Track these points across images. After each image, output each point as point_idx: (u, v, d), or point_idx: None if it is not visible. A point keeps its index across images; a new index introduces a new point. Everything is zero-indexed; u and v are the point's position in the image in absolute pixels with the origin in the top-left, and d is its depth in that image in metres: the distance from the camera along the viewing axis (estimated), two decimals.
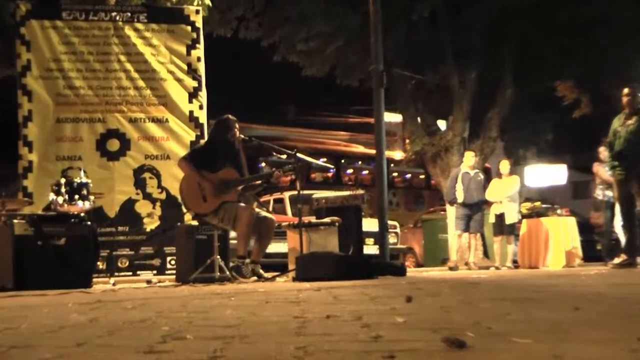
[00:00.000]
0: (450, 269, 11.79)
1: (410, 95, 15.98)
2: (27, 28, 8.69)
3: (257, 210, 7.31)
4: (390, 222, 12.03)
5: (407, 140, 18.43)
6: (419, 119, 16.28)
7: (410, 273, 8.90)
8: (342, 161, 21.05)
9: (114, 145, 8.87)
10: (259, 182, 7.50)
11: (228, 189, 7.07)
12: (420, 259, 16.95)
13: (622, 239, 9.18)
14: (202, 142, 8.60)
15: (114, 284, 7.21)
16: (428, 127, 16.27)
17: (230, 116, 7.41)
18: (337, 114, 27.13)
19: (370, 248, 12.15)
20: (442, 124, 17.76)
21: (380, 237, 10.66)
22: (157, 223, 8.81)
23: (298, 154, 7.18)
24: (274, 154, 8.36)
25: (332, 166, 15.27)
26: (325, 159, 18.65)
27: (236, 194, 7.14)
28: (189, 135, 9.09)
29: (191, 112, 9.15)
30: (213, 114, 8.74)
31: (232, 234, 7.74)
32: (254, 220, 6.99)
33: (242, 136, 7.37)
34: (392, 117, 22.94)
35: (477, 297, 3.82)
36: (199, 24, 9.14)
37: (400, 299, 3.55)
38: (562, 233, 12.28)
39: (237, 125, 7.30)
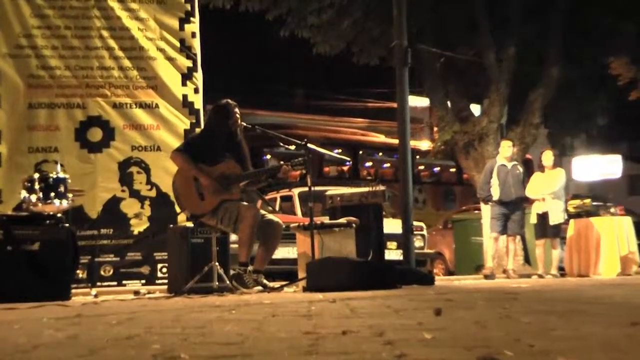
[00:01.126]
0: (486, 277, 11.84)
1: (438, 75, 15.88)
2: None
3: (261, 210, 7.38)
4: (415, 223, 11.97)
5: (435, 128, 18.61)
6: (448, 103, 16.20)
7: (439, 282, 8.97)
8: (360, 152, 20.91)
9: (95, 134, 8.88)
10: (264, 177, 7.58)
11: (229, 186, 7.11)
12: (450, 265, 16.94)
13: None
14: (198, 130, 8.64)
15: (95, 296, 7.27)
16: (459, 113, 16.13)
17: (230, 101, 7.44)
18: (354, 98, 27.04)
19: (393, 253, 12.23)
20: (475, 109, 17.60)
21: (404, 241, 10.73)
22: (146, 225, 8.85)
23: (309, 145, 7.24)
24: (281, 144, 7.65)
25: (348, 158, 15.12)
26: (340, 150, 18.57)
27: (238, 191, 7.19)
28: (183, 123, 9.12)
29: (185, 97, 9.16)
30: (210, 98, 8.76)
31: (233, 237, 7.81)
32: (258, 222, 7.01)
33: (244, 124, 7.41)
34: (417, 101, 22.90)
35: (517, 310, 3.83)
36: None
37: (428, 312, 3.57)
38: (616, 235, 12.22)
39: (238, 111, 7.34)
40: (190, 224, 7.82)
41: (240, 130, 7.41)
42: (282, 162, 7.19)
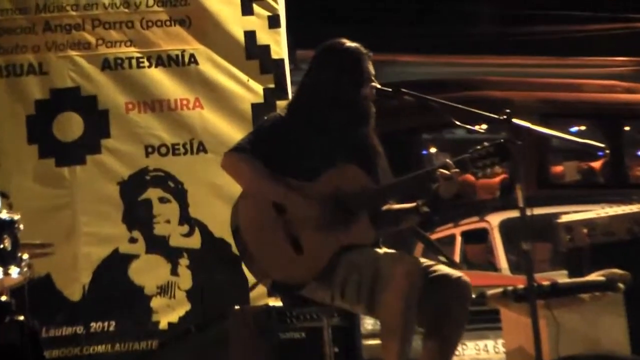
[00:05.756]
0: None
1: None
2: None
3: (425, 261, 5.33)
4: None
5: None
6: None
7: None
8: (625, 129, 16.30)
9: (69, 127, 6.79)
10: (423, 187, 5.58)
11: (351, 216, 5.22)
12: None
13: None
14: (281, 109, 6.21)
15: None
16: None
17: (353, 44, 5.47)
18: (597, 23, 21.38)
19: None
20: None
21: None
22: (187, 308, 6.81)
23: (514, 120, 5.09)
24: (457, 122, 5.18)
25: (601, 145, 11.39)
26: (583, 128, 15.85)
27: (372, 229, 5.21)
28: (250, 91, 6.91)
29: (250, 36, 6.93)
30: (307, 39, 7.49)
31: (369, 322, 6.84)
32: (418, 288, 5.06)
33: (377, 85, 5.36)
34: None
35: None
36: None
37: None
38: None
39: (371, 65, 5.39)
40: (275, 302, 6.17)
41: (372, 100, 5.42)
42: (448, 160, 5.15)
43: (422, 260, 5.33)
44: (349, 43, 5.41)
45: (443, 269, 5.22)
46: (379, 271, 5.02)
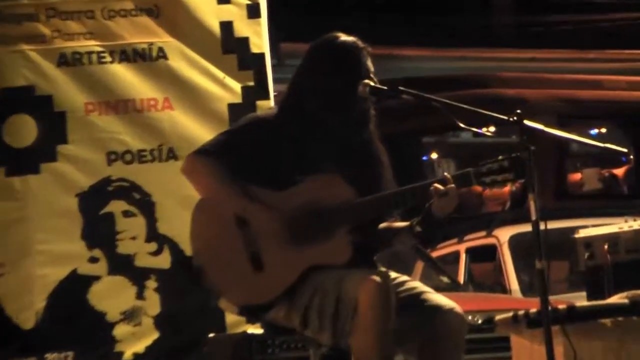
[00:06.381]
0: None
1: None
2: None
3: (417, 287, 4.93)
4: None
5: None
6: None
7: None
8: None
9: (20, 132, 6.56)
10: (416, 199, 5.08)
11: (327, 233, 4.81)
12: None
13: None
14: (262, 107, 6.54)
15: None
16: None
17: (348, 37, 5.06)
18: (623, 11, 20.73)
19: None
20: None
21: None
22: (155, 337, 6.50)
23: (526, 122, 4.58)
24: (460, 123, 4.48)
25: (623, 150, 11.03)
26: (604, 130, 15.56)
27: (348, 248, 4.74)
28: (226, 90, 6.67)
29: (227, 27, 6.70)
30: (292, 31, 8.45)
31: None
32: (391, 310, 4.75)
33: (375, 84, 4.90)
34: None
35: None
36: None
37: None
38: None
39: (369, 59, 5.01)
40: (255, 329, 6.00)
41: (367, 97, 4.91)
42: (446, 174, 4.77)
43: (410, 282, 4.88)
44: (344, 37, 5.00)
45: (434, 297, 4.79)
46: (343, 295, 4.64)
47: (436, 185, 4.57)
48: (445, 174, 4.74)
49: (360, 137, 4.95)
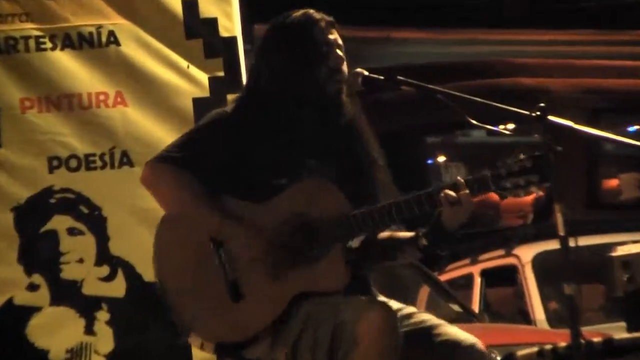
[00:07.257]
0: None
1: None
2: None
3: (428, 320, 4.47)
4: None
5: None
6: None
7: None
8: None
9: None
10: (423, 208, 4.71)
11: (318, 253, 4.53)
12: None
13: None
14: (229, 100, 5.55)
15: None
16: None
17: (312, 12, 4.73)
18: None
19: None
20: None
21: None
22: None
23: (550, 117, 4.25)
24: (471, 120, 4.06)
25: None
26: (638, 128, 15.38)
27: (344, 270, 4.50)
28: (190, 82, 6.17)
29: (191, 6, 6.24)
30: (267, 11, 6.04)
31: None
32: (396, 348, 4.48)
33: (364, 71, 4.47)
34: None
35: None
36: None
37: None
38: None
39: (339, 38, 4.67)
40: None
41: (352, 90, 4.61)
42: (459, 179, 4.38)
43: (419, 314, 4.45)
44: (296, 14, 4.69)
45: (450, 332, 4.37)
46: (340, 327, 4.29)
47: (447, 191, 4.22)
48: (459, 178, 4.37)
49: (337, 129, 4.56)
